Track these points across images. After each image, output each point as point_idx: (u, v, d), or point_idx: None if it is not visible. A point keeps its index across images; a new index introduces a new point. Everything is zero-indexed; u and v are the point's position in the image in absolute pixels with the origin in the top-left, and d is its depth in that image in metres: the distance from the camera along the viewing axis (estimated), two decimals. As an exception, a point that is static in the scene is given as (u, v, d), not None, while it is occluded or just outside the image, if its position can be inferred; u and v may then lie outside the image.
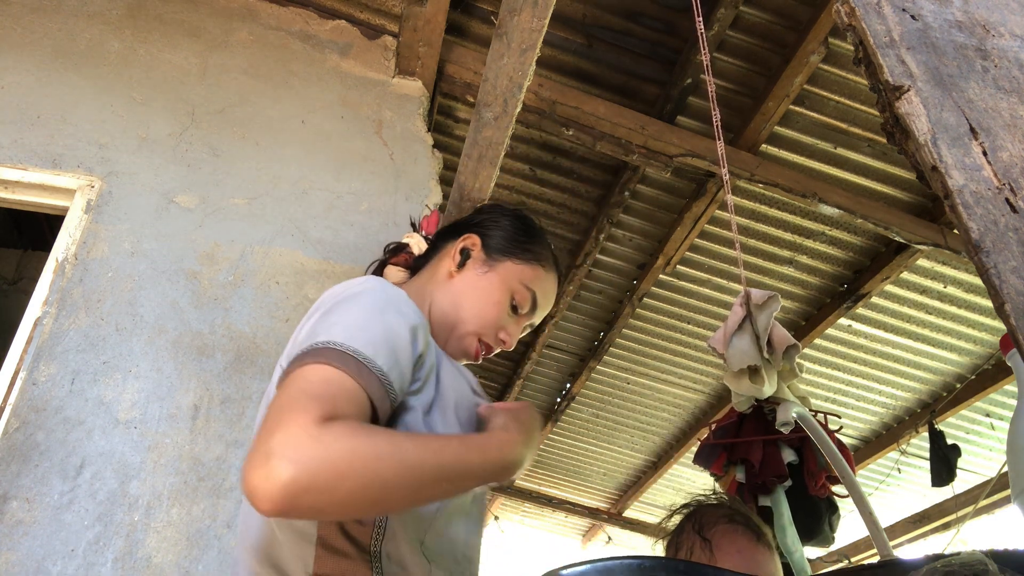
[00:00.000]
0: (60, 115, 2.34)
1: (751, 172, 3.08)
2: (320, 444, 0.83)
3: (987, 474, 4.72)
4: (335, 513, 0.89)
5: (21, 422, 1.89)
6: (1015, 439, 1.04)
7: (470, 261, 1.30)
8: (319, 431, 0.84)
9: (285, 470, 0.80)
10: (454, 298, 1.26)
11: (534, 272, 1.31)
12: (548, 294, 1.35)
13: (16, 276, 3.68)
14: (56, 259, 2.13)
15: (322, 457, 0.82)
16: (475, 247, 1.31)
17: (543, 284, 1.33)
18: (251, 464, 0.83)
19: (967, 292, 3.74)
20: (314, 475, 0.81)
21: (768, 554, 1.37)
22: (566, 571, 0.85)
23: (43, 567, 1.75)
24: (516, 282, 1.28)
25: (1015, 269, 0.63)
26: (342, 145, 2.56)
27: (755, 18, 2.82)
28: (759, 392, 1.80)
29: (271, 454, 0.82)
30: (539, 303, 1.32)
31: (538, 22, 1.89)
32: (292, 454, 0.82)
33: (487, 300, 1.25)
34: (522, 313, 1.30)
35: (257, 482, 0.81)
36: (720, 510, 1.44)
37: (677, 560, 1.03)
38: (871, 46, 0.78)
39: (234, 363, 2.09)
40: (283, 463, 0.81)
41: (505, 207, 1.43)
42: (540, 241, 1.37)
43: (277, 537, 1.01)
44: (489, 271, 1.28)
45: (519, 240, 1.33)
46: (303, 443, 0.83)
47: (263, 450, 0.83)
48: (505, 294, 1.27)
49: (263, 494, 0.80)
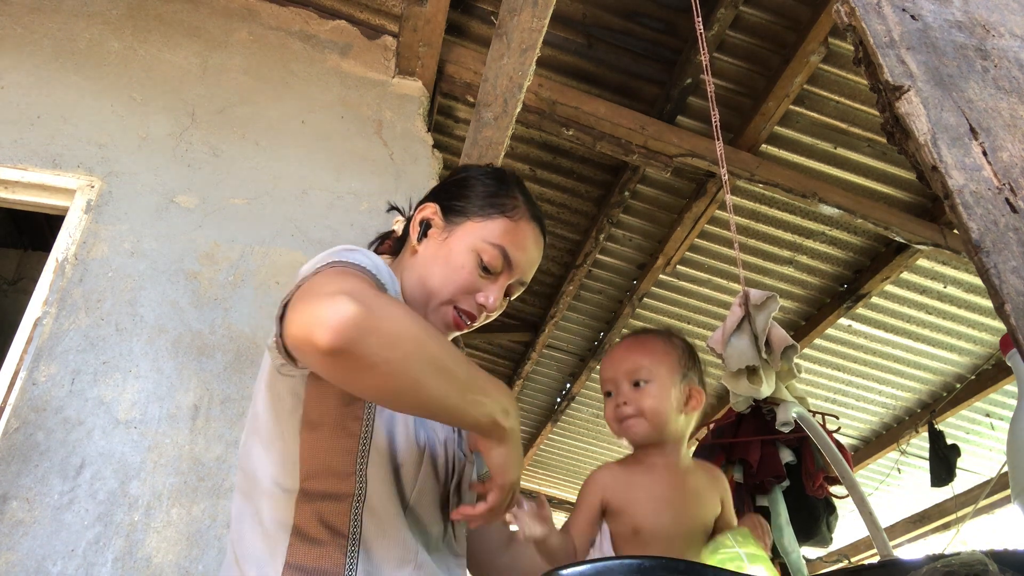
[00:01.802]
0: (60, 115, 2.34)
1: (751, 172, 3.08)
2: (387, 300, 0.87)
3: (987, 474, 4.72)
4: (376, 372, 0.85)
5: (21, 422, 1.89)
6: (1015, 439, 1.04)
7: (431, 231, 1.23)
8: (379, 290, 0.88)
9: (357, 309, 0.82)
10: (419, 272, 1.19)
11: (499, 226, 1.20)
12: (523, 245, 1.22)
13: (16, 276, 3.68)
14: (56, 259, 2.13)
15: (390, 310, 0.86)
16: (435, 215, 1.24)
17: (514, 236, 1.21)
18: (310, 303, 0.85)
19: (967, 292, 3.74)
20: (379, 322, 0.83)
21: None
22: (566, 571, 0.85)
23: (43, 567, 1.75)
24: (479, 240, 1.19)
25: (1015, 269, 0.63)
26: (342, 145, 2.56)
27: (755, 18, 2.82)
28: (757, 392, 1.80)
29: (339, 293, 0.83)
30: (513, 257, 1.20)
31: (538, 22, 1.89)
32: (362, 298, 0.84)
33: (450, 266, 1.18)
34: (496, 272, 1.20)
35: (323, 314, 0.82)
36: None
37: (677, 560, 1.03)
38: (871, 46, 0.78)
39: (234, 363, 2.09)
40: (354, 303, 0.82)
41: (471, 167, 1.33)
42: (506, 192, 1.25)
43: (256, 529, 1.01)
44: (448, 236, 1.21)
45: (481, 197, 1.24)
46: (369, 292, 0.86)
47: (326, 291, 0.85)
48: (468, 255, 1.18)
49: (329, 324, 0.81)
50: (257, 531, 1.01)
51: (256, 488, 1.03)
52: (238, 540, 1.03)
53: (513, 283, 1.23)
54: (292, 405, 1.03)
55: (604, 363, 1.48)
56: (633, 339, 1.51)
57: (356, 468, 1.01)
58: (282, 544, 0.98)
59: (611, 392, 1.42)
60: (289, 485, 1.01)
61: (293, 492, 1.01)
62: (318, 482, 1.00)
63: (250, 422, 1.10)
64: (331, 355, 0.82)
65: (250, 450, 1.07)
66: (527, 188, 1.31)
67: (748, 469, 2.80)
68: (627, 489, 1.35)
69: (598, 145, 3.01)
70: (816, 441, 1.89)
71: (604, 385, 1.45)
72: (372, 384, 0.87)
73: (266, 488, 1.02)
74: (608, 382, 1.44)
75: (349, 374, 0.86)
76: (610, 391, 1.42)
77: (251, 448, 1.07)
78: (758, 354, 1.77)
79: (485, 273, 1.19)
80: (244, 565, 1.00)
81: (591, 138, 2.99)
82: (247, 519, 1.03)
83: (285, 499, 1.01)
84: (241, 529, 1.04)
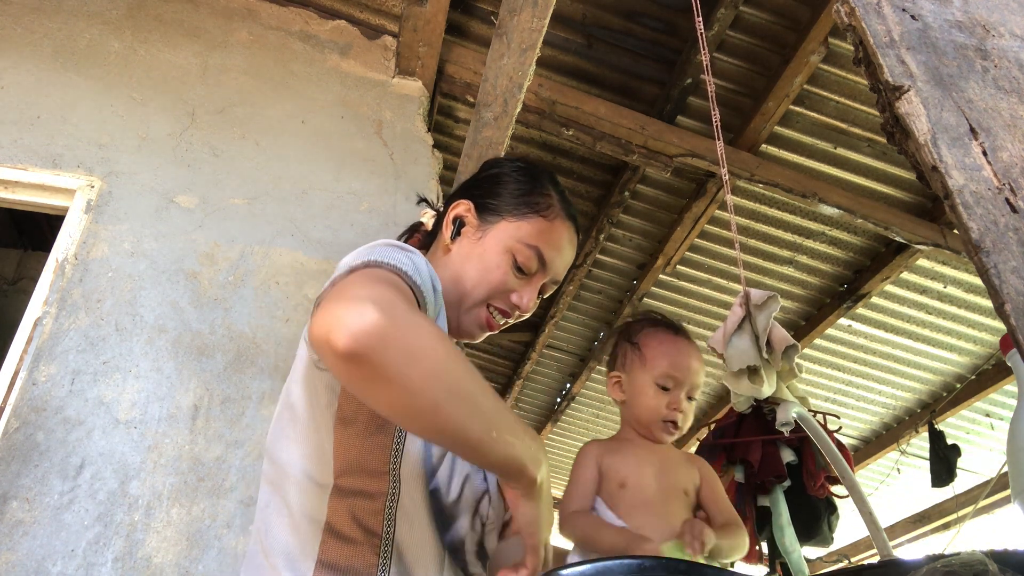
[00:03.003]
0: (60, 115, 2.34)
1: (751, 172, 3.08)
2: (416, 314, 0.84)
3: (987, 474, 4.72)
4: (393, 386, 0.81)
5: (21, 422, 1.89)
6: (1015, 439, 1.04)
7: (465, 229, 1.21)
8: (412, 305, 0.85)
9: (381, 317, 0.80)
10: (453, 272, 1.18)
11: (535, 226, 1.19)
12: (558, 245, 1.22)
13: (16, 276, 3.68)
14: (56, 259, 2.13)
15: (416, 325, 0.83)
16: (468, 213, 1.22)
17: (549, 236, 1.20)
18: (336, 304, 0.82)
19: (967, 292, 3.74)
20: (401, 334, 0.81)
21: (690, 345, 1.55)
22: (566, 571, 0.84)
23: (43, 567, 1.75)
24: (514, 241, 1.18)
25: (1015, 269, 0.63)
26: (342, 145, 2.56)
27: (755, 18, 2.82)
28: (758, 392, 1.80)
29: (367, 299, 0.81)
30: (548, 258, 1.20)
31: (538, 22, 1.89)
32: (389, 309, 0.81)
33: (485, 266, 1.17)
34: (530, 273, 1.19)
35: (345, 317, 0.79)
36: (644, 318, 1.62)
37: (677, 560, 1.04)
38: (871, 46, 0.78)
39: (234, 363, 2.09)
40: (378, 311, 0.80)
41: (505, 161, 1.31)
42: (541, 190, 1.24)
43: (285, 522, 0.99)
44: (483, 236, 1.19)
45: (515, 196, 1.22)
46: (399, 303, 0.83)
47: (353, 295, 0.83)
48: (504, 256, 1.17)
49: (349, 328, 0.78)
50: (286, 523, 0.99)
51: (286, 479, 1.02)
52: (265, 531, 1.01)
53: (547, 282, 1.23)
54: (328, 400, 1.02)
55: (676, 356, 1.53)
56: (694, 347, 1.58)
57: (390, 467, 0.99)
58: (314, 540, 0.96)
59: (669, 388, 1.49)
60: (323, 480, 0.99)
61: (327, 487, 0.99)
62: (352, 479, 0.99)
63: (283, 411, 1.08)
64: (346, 360, 0.79)
65: (281, 440, 1.05)
66: (560, 183, 1.30)
67: (749, 469, 2.80)
68: (614, 452, 1.50)
69: (598, 145, 3.01)
70: (816, 441, 1.89)
71: (666, 379, 1.50)
72: (387, 399, 0.83)
73: (297, 480, 1.00)
74: (672, 379, 1.50)
75: (364, 383, 0.82)
76: (669, 387, 1.49)
77: (282, 438, 1.05)
78: (759, 354, 1.77)
79: (519, 273, 1.19)
80: (273, 558, 0.98)
81: (591, 138, 2.99)
82: (274, 509, 1.02)
83: (318, 494, 0.99)
84: (268, 519, 1.02)
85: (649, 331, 1.56)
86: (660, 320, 1.60)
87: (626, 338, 1.59)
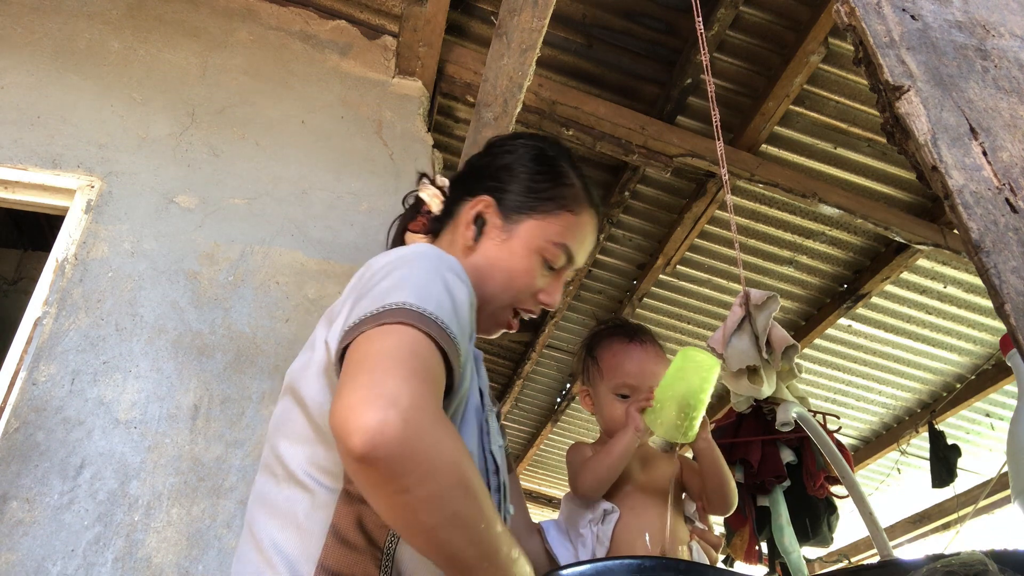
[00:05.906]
0: (60, 115, 2.34)
1: (751, 172, 3.08)
2: (438, 426, 0.80)
3: (987, 474, 4.72)
4: (394, 499, 0.81)
5: (21, 422, 1.89)
6: (1015, 439, 1.04)
7: (487, 228, 1.16)
8: (438, 412, 0.81)
9: (403, 429, 0.77)
10: (477, 275, 1.11)
11: (562, 222, 1.16)
12: (584, 239, 1.19)
13: (16, 276, 3.68)
14: (56, 259, 2.13)
15: (440, 443, 0.80)
16: (489, 210, 1.17)
17: (576, 231, 1.17)
18: (362, 400, 0.79)
19: (967, 292, 3.74)
20: (418, 452, 0.78)
21: (645, 350, 1.54)
22: (566, 571, 0.84)
23: (43, 567, 1.75)
24: (542, 241, 1.14)
25: (1015, 269, 0.63)
26: (342, 145, 2.56)
27: (755, 18, 2.82)
28: (758, 392, 1.80)
29: (393, 401, 0.78)
30: (575, 252, 1.18)
31: (538, 22, 1.89)
32: (415, 419, 0.78)
33: (513, 270, 1.13)
34: (558, 268, 1.17)
35: (368, 417, 0.77)
36: (602, 329, 1.62)
37: (678, 560, 1.04)
38: (871, 46, 0.78)
39: (234, 363, 2.09)
40: (401, 422, 0.77)
41: (519, 144, 1.25)
42: (563, 180, 1.19)
43: (285, 519, 0.97)
44: (509, 237, 1.14)
45: (538, 189, 1.17)
46: (427, 412, 0.80)
47: (380, 392, 0.79)
48: (533, 258, 1.14)
49: (368, 432, 0.76)
50: (286, 521, 0.97)
51: (290, 476, 0.99)
52: (261, 526, 0.99)
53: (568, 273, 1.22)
54: None
55: (628, 364, 1.55)
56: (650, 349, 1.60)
57: None
58: (317, 542, 0.94)
59: (628, 396, 1.52)
60: (331, 484, 0.97)
61: (335, 491, 0.97)
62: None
63: (292, 407, 1.05)
64: (358, 461, 0.78)
65: (289, 436, 1.02)
66: (578, 164, 1.26)
67: (749, 469, 2.80)
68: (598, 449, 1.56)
69: (598, 145, 3.01)
70: (816, 441, 1.89)
71: (623, 388, 1.53)
72: (387, 507, 0.82)
73: (303, 480, 0.98)
74: (628, 387, 1.53)
75: (369, 487, 0.82)
76: (628, 395, 1.52)
77: (290, 435, 1.02)
78: (759, 354, 1.78)
79: (547, 271, 1.17)
80: (271, 555, 0.95)
81: (591, 138, 2.99)
82: (273, 504, 0.99)
83: (326, 496, 0.97)
84: (261, 511, 1.00)
85: (604, 342, 1.58)
86: (616, 328, 1.61)
87: (587, 351, 1.61)
